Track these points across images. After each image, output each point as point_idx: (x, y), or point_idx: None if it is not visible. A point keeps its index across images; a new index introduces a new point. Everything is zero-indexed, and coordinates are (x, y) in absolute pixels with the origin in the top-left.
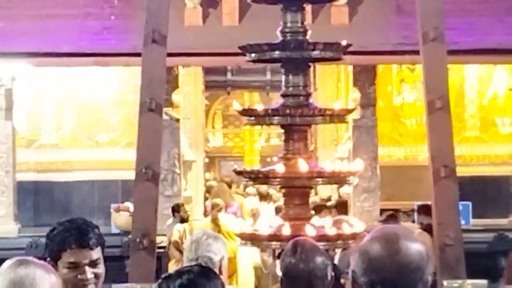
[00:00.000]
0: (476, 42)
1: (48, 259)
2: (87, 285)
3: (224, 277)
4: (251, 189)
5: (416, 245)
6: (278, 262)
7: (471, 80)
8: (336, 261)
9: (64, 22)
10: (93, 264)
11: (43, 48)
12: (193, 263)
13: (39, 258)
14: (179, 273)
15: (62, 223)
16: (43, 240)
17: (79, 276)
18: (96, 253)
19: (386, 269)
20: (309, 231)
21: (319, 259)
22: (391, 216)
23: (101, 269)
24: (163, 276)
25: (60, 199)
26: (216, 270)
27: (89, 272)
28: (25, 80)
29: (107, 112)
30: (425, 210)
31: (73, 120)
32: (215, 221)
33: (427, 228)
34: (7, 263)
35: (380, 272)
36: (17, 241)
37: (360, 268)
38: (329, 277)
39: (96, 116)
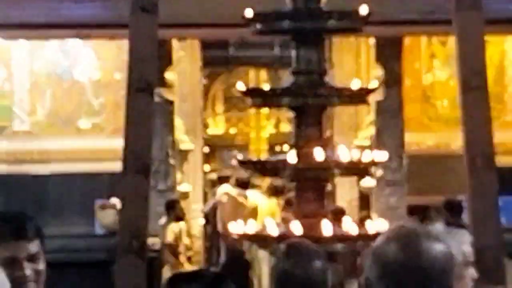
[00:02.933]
0: None
1: None
2: (27, 282)
3: None
4: None
5: (439, 245)
6: None
7: None
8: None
9: None
10: (32, 258)
11: (14, 18)
12: None
13: None
14: (188, 276)
15: None
16: None
17: (16, 273)
18: (35, 246)
19: (405, 274)
20: (326, 230)
21: (317, 264)
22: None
23: (41, 265)
24: (169, 278)
25: (35, 195)
26: None
27: (28, 268)
28: None
29: (89, 94)
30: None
31: (50, 103)
32: None
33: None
34: None
35: (399, 278)
36: None
37: (375, 274)
38: (329, 284)
39: (76, 98)
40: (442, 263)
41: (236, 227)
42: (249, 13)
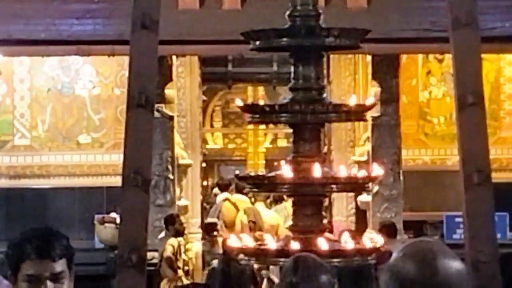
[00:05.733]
0: None
1: (9, 272)
2: None
3: None
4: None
5: (455, 263)
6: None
7: (508, 72)
8: None
9: (40, 4)
10: (56, 278)
11: (15, 35)
12: None
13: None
14: None
15: (25, 231)
16: None
17: None
18: (60, 266)
19: None
20: (323, 245)
21: (324, 278)
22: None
23: (65, 284)
24: None
25: (35, 209)
26: None
27: (51, 287)
28: None
29: (89, 109)
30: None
31: (50, 118)
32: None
33: None
34: None
35: None
36: None
37: None
38: None
39: (76, 113)
40: (458, 281)
41: (235, 242)
42: (248, 29)
